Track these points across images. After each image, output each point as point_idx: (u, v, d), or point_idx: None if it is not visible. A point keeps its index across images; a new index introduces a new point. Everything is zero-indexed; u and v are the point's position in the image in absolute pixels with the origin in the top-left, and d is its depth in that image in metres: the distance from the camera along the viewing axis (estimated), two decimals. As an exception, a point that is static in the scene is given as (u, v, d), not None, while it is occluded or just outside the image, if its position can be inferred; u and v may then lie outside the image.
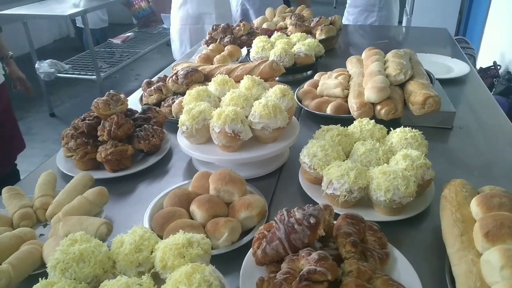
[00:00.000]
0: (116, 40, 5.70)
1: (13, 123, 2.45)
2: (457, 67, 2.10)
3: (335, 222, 0.95)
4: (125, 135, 1.33)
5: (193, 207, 1.05)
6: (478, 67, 4.55)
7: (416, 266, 0.90)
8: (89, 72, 4.60)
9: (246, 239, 1.00)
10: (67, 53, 5.58)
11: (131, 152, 1.31)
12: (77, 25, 5.73)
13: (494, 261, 0.76)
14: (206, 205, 1.04)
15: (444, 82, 1.84)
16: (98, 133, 1.32)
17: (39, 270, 0.93)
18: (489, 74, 4.27)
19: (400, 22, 5.52)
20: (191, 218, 1.07)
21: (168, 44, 6.96)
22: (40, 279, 0.74)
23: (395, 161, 1.12)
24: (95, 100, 1.36)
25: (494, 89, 3.98)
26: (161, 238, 0.98)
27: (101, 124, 1.33)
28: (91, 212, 1.11)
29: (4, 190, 1.16)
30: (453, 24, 5.78)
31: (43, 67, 4.42)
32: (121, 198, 1.25)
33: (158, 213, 1.06)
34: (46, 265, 0.91)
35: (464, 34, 5.85)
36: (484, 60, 4.62)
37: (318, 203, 0.92)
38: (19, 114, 4.80)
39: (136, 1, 5.88)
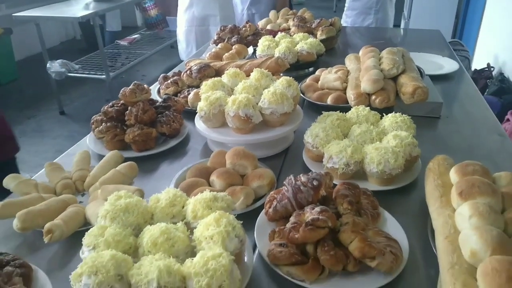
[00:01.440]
0: (123, 42, 5.88)
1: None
2: (448, 65, 2.27)
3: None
4: (149, 120, 1.51)
5: (213, 177, 1.22)
6: (473, 68, 4.73)
7: (404, 226, 1.07)
8: (98, 72, 4.77)
9: (258, 203, 1.18)
10: (74, 54, 5.77)
11: (155, 134, 1.48)
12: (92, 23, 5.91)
13: (465, 212, 0.93)
14: (224, 175, 1.21)
15: (435, 78, 2.02)
16: (126, 118, 1.50)
17: (84, 227, 1.10)
18: (483, 75, 4.45)
19: (397, 25, 5.71)
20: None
21: (172, 46, 7.17)
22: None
23: (387, 140, 1.29)
24: (123, 89, 1.53)
25: (487, 90, 4.16)
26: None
27: (129, 109, 1.50)
28: (124, 183, 1.27)
29: (46, 165, 1.34)
30: (450, 27, 5.98)
31: (54, 66, 4.59)
32: (146, 174, 1.42)
33: (183, 182, 1.23)
34: (89, 224, 1.09)
35: (460, 37, 6.04)
36: (478, 62, 4.80)
37: None
38: (30, 112, 4.99)
39: (149, 7, 6.08)
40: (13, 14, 4.51)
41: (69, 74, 4.74)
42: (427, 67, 2.08)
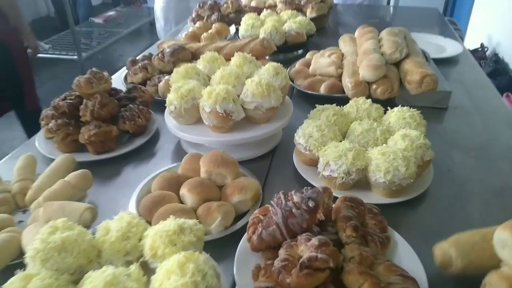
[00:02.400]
0: (98, 20, 5.50)
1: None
2: (450, 47, 2.06)
3: (333, 205, 0.90)
4: (109, 115, 1.26)
5: (184, 191, 0.99)
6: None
7: (417, 249, 0.86)
8: (70, 52, 4.43)
9: (240, 223, 0.96)
10: (47, 33, 5.36)
11: (115, 133, 1.24)
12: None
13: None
14: (198, 189, 0.98)
15: (437, 62, 1.80)
16: (81, 113, 1.25)
17: (18, 260, 0.86)
18: (476, 56, 4.26)
19: (388, 2, 5.46)
20: (181, 202, 1.01)
21: (151, 23, 6.74)
22: (18, 270, 0.68)
23: (394, 141, 1.07)
24: (77, 78, 1.28)
25: (481, 71, 3.98)
26: (150, 224, 0.93)
27: (83, 103, 1.25)
28: (74, 196, 1.04)
29: (-21, 174, 1.09)
30: (441, 4, 5.75)
31: (21, 47, 4.23)
32: (105, 182, 1.18)
33: (146, 197, 1.00)
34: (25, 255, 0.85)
35: (451, 15, 5.83)
36: (471, 42, 4.60)
37: (314, 186, 0.88)
38: (-3, 96, 4.63)
39: None
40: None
41: (39, 55, 4.38)
42: (427, 49, 1.85)
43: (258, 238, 0.83)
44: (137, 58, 1.80)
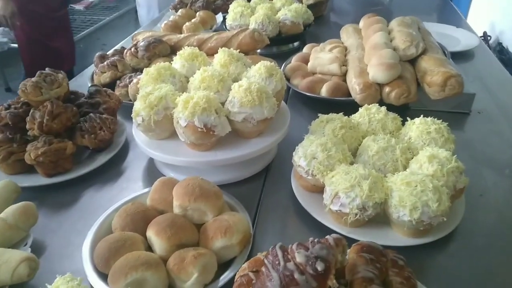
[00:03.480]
0: (78, 6, 5.19)
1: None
2: (464, 39, 1.83)
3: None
4: (63, 128, 1.02)
5: (150, 234, 0.77)
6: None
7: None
8: (47, 42, 4.13)
9: (224, 278, 0.73)
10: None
11: (71, 150, 1.00)
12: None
13: None
14: (168, 232, 0.75)
15: (451, 57, 1.58)
16: (27, 126, 1.00)
17: None
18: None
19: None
20: (149, 246, 0.78)
21: (137, 10, 6.42)
22: None
23: (419, 163, 0.85)
24: (22, 82, 1.03)
25: (485, 62, 3.78)
26: (106, 277, 0.71)
27: (30, 114, 1.00)
28: (12, 239, 0.83)
29: None
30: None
31: (-6, 35, 3.96)
32: (58, 213, 0.95)
33: (102, 241, 0.77)
34: None
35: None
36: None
37: (317, 219, 0.66)
38: (-31, 89, 4.36)
39: None
40: None
41: (13, 45, 4.10)
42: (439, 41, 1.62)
43: (247, 312, 0.60)
44: (107, 53, 1.55)
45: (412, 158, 0.89)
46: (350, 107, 1.10)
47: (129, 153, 1.14)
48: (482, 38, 4.04)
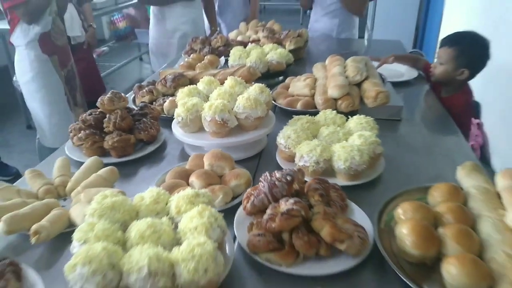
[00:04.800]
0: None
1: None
2: (408, 73, 2.44)
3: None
4: (127, 127, 1.56)
5: (193, 178, 1.29)
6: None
7: (370, 216, 1.17)
8: (67, 85, 4.72)
9: (236, 200, 1.25)
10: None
11: (133, 140, 1.54)
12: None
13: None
14: (203, 176, 1.28)
15: (396, 85, 2.17)
16: (104, 125, 1.55)
17: (69, 229, 1.14)
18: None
19: (361, 36, 5.97)
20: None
21: (141, 58, 7.17)
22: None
23: (352, 139, 1.40)
24: (100, 97, 1.59)
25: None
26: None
27: (107, 117, 1.55)
28: (105, 187, 1.32)
29: (27, 172, 1.37)
30: (411, 38, 6.33)
31: (21, 80, 4.52)
32: (126, 179, 1.47)
33: (162, 184, 1.29)
34: (73, 226, 1.13)
35: (420, 48, 6.38)
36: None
37: None
38: (-5, 126, 4.87)
39: (117, 20, 6.10)
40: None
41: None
42: (389, 74, 2.23)
43: (251, 204, 1.13)
44: (142, 84, 2.12)
45: (349, 137, 1.44)
46: (316, 115, 1.65)
47: (167, 147, 1.68)
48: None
